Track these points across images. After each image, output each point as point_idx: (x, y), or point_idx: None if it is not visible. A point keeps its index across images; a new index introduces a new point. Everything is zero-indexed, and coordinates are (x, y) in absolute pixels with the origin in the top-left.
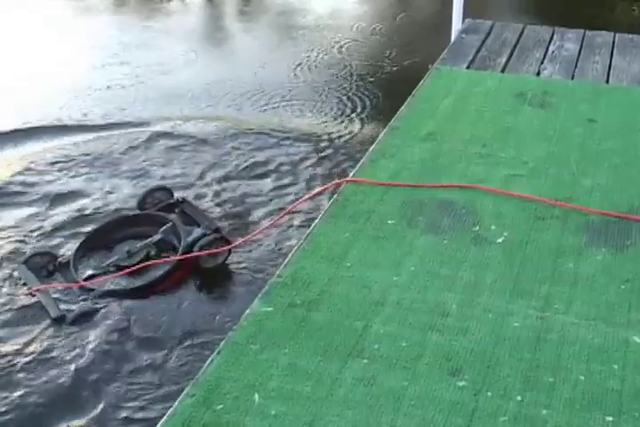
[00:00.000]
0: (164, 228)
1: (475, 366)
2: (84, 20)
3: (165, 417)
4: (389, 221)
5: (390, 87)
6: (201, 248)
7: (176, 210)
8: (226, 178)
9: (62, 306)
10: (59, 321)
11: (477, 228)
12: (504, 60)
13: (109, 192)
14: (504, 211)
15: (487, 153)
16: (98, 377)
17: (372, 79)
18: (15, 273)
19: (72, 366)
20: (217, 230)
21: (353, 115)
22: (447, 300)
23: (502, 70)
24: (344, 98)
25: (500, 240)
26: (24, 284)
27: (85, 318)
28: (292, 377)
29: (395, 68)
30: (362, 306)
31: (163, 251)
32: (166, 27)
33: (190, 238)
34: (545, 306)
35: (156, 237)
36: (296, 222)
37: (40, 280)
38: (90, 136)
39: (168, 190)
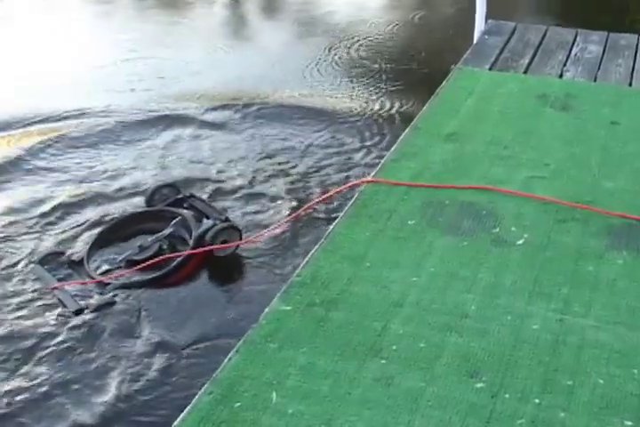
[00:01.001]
0: (174, 221)
1: (493, 368)
2: (108, 17)
3: (183, 414)
4: (410, 222)
5: (412, 86)
6: (213, 237)
7: (184, 204)
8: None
9: (81, 301)
10: (78, 314)
11: (498, 229)
12: (526, 61)
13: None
14: (525, 213)
15: (509, 155)
16: (114, 366)
17: (393, 76)
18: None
19: (91, 355)
20: (226, 220)
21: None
22: (466, 301)
23: (525, 72)
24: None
25: (520, 242)
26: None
27: (104, 311)
28: (309, 376)
29: (416, 67)
30: (381, 306)
31: (174, 244)
32: (190, 22)
33: (201, 229)
34: (564, 309)
35: (167, 230)
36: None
37: (55, 278)
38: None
39: (175, 187)
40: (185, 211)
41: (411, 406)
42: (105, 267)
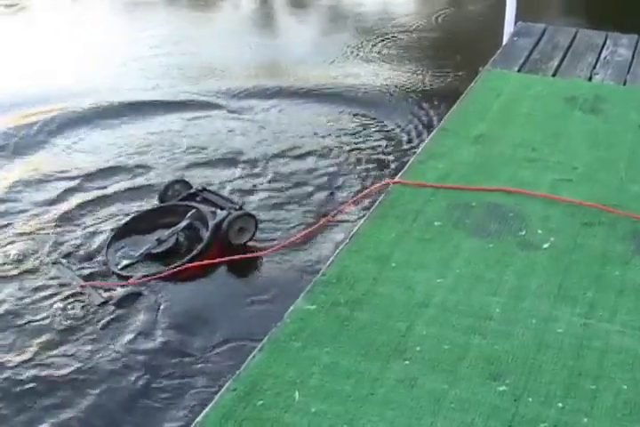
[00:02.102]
0: (189, 214)
1: (516, 371)
2: (137, 13)
3: (206, 410)
4: (436, 223)
5: (440, 86)
6: (229, 225)
7: (197, 198)
8: None
9: (105, 293)
10: (103, 306)
11: (524, 232)
12: (555, 63)
13: None
14: (551, 216)
15: (536, 157)
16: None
17: (422, 75)
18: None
19: (116, 346)
20: (241, 208)
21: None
22: (491, 303)
23: (553, 74)
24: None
25: (546, 245)
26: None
27: (127, 302)
28: (332, 376)
29: (443, 67)
30: (405, 307)
31: (191, 236)
32: (218, 18)
33: (217, 219)
34: (589, 313)
35: (183, 223)
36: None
37: (79, 275)
38: None
39: (186, 182)
40: (199, 204)
41: (433, 407)
42: (125, 261)
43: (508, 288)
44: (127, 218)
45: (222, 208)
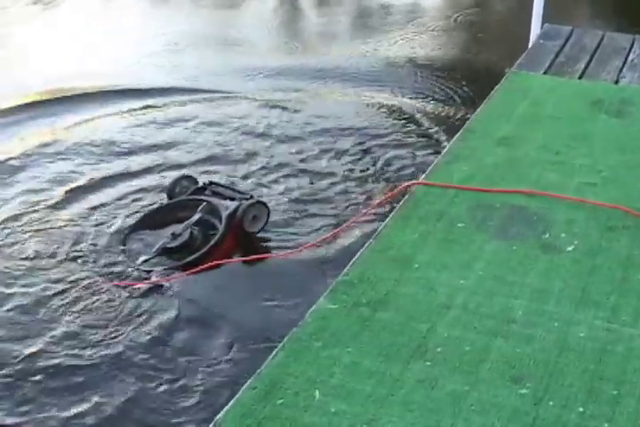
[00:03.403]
0: (201, 207)
1: (537, 375)
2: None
3: (226, 407)
4: (459, 225)
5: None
6: (243, 214)
7: (206, 192)
8: None
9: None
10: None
11: (547, 235)
12: (582, 66)
13: None
14: (575, 219)
15: (561, 160)
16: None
17: (446, 74)
18: None
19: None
20: (251, 198)
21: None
22: (513, 306)
23: (580, 77)
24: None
25: (569, 249)
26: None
27: (150, 295)
28: (353, 376)
29: (471, 67)
30: (427, 308)
31: (205, 229)
32: (245, 15)
33: (230, 210)
34: (612, 317)
35: (196, 216)
36: None
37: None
38: None
39: (192, 177)
40: (209, 197)
41: (453, 409)
42: (143, 257)
43: (531, 291)
44: (140, 215)
45: (233, 199)
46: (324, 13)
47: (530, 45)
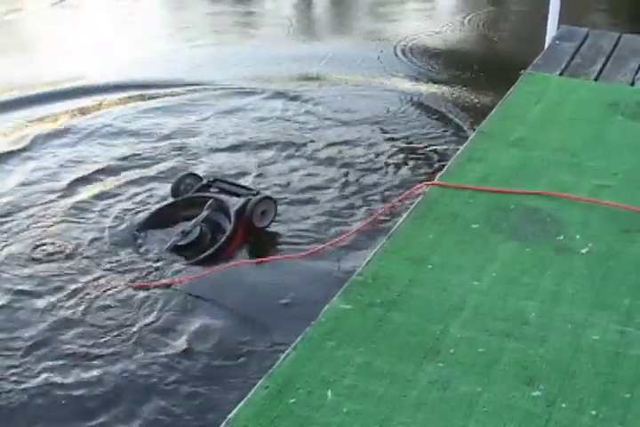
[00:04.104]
0: (208, 204)
1: (550, 377)
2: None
3: (238, 406)
4: (473, 226)
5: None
6: (253, 209)
7: (211, 189)
8: None
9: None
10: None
11: (562, 237)
12: (598, 68)
13: None
14: (590, 221)
15: (576, 162)
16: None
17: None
18: None
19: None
20: (258, 193)
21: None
22: (527, 308)
23: (596, 79)
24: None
25: (584, 251)
26: None
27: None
28: (366, 376)
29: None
30: (441, 309)
31: (213, 226)
32: (259, 15)
33: (237, 206)
34: (626, 320)
35: (204, 213)
36: None
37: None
38: None
39: (196, 175)
40: (215, 194)
41: (465, 410)
42: (156, 255)
43: (545, 293)
44: (147, 213)
45: (239, 195)
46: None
47: (546, 46)
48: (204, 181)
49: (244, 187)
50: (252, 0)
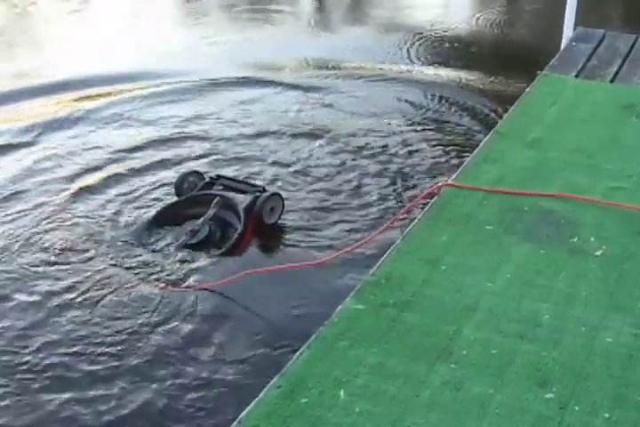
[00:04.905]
0: (214, 202)
1: (564, 379)
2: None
3: (251, 405)
4: (487, 227)
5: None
6: (263, 204)
7: (216, 186)
8: None
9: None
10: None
11: (576, 239)
12: (614, 70)
13: None
14: (605, 223)
15: (591, 164)
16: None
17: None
18: None
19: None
20: (264, 190)
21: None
22: (540, 310)
23: (612, 80)
24: None
25: (598, 253)
26: None
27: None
28: (378, 376)
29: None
30: (454, 310)
31: (222, 223)
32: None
33: (247, 202)
34: None
35: (211, 211)
36: None
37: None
38: None
39: (199, 173)
40: (222, 191)
41: (478, 412)
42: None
43: (558, 295)
44: (154, 212)
45: (245, 192)
46: None
47: (562, 48)
48: (207, 179)
49: (248, 183)
50: None
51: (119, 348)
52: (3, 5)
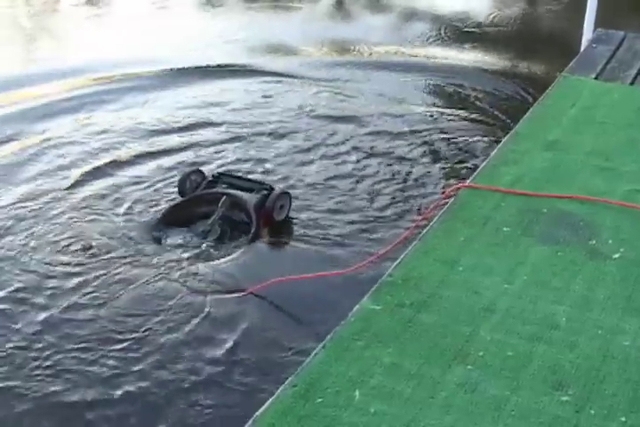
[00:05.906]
0: (221, 201)
1: (580, 382)
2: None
3: (266, 404)
4: (505, 229)
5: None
6: (274, 203)
7: (221, 184)
8: None
9: None
10: None
11: (594, 241)
12: (634, 72)
13: None
14: (623, 226)
15: (609, 166)
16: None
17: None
18: None
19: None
20: (272, 188)
21: None
22: (557, 312)
23: (632, 83)
24: None
25: (616, 256)
26: None
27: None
28: (394, 377)
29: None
30: (470, 311)
31: (232, 222)
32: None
33: (256, 201)
34: None
35: (220, 211)
36: None
37: None
38: None
39: (201, 171)
40: (231, 190)
41: (493, 414)
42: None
43: (575, 297)
44: (161, 212)
45: (252, 190)
46: None
47: (581, 50)
48: (211, 177)
49: (256, 182)
50: None
51: (135, 346)
52: None
